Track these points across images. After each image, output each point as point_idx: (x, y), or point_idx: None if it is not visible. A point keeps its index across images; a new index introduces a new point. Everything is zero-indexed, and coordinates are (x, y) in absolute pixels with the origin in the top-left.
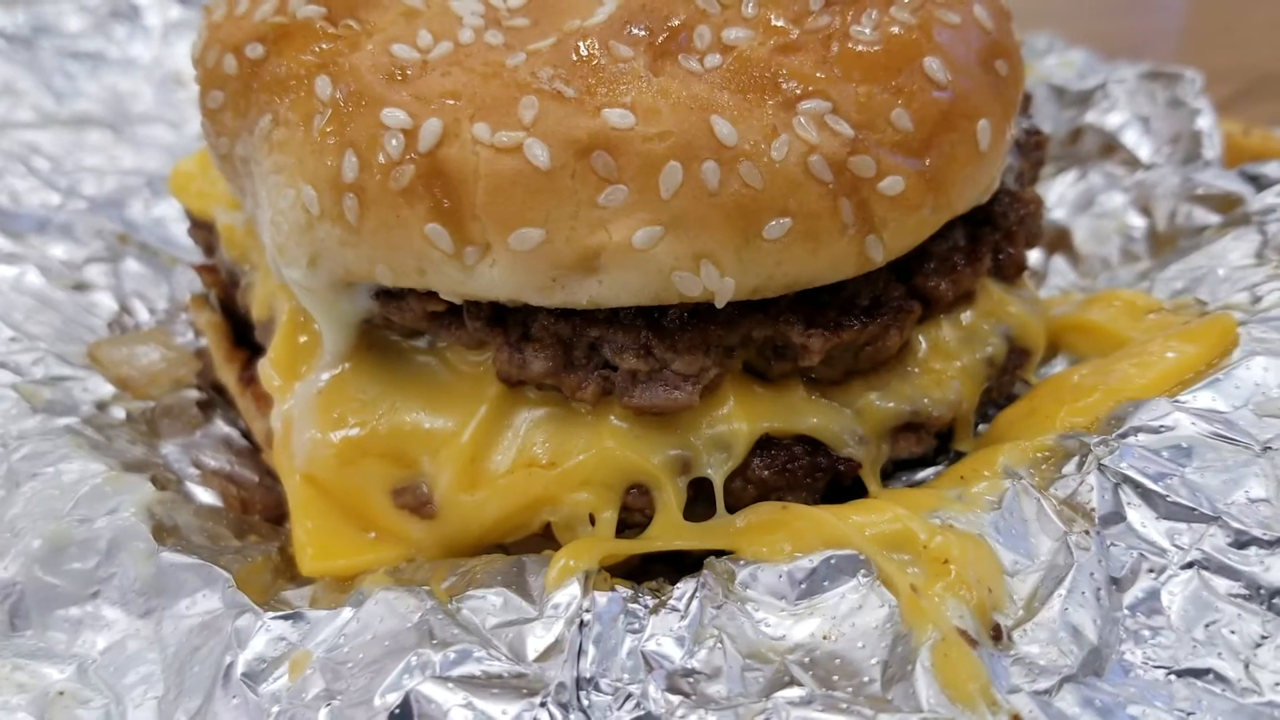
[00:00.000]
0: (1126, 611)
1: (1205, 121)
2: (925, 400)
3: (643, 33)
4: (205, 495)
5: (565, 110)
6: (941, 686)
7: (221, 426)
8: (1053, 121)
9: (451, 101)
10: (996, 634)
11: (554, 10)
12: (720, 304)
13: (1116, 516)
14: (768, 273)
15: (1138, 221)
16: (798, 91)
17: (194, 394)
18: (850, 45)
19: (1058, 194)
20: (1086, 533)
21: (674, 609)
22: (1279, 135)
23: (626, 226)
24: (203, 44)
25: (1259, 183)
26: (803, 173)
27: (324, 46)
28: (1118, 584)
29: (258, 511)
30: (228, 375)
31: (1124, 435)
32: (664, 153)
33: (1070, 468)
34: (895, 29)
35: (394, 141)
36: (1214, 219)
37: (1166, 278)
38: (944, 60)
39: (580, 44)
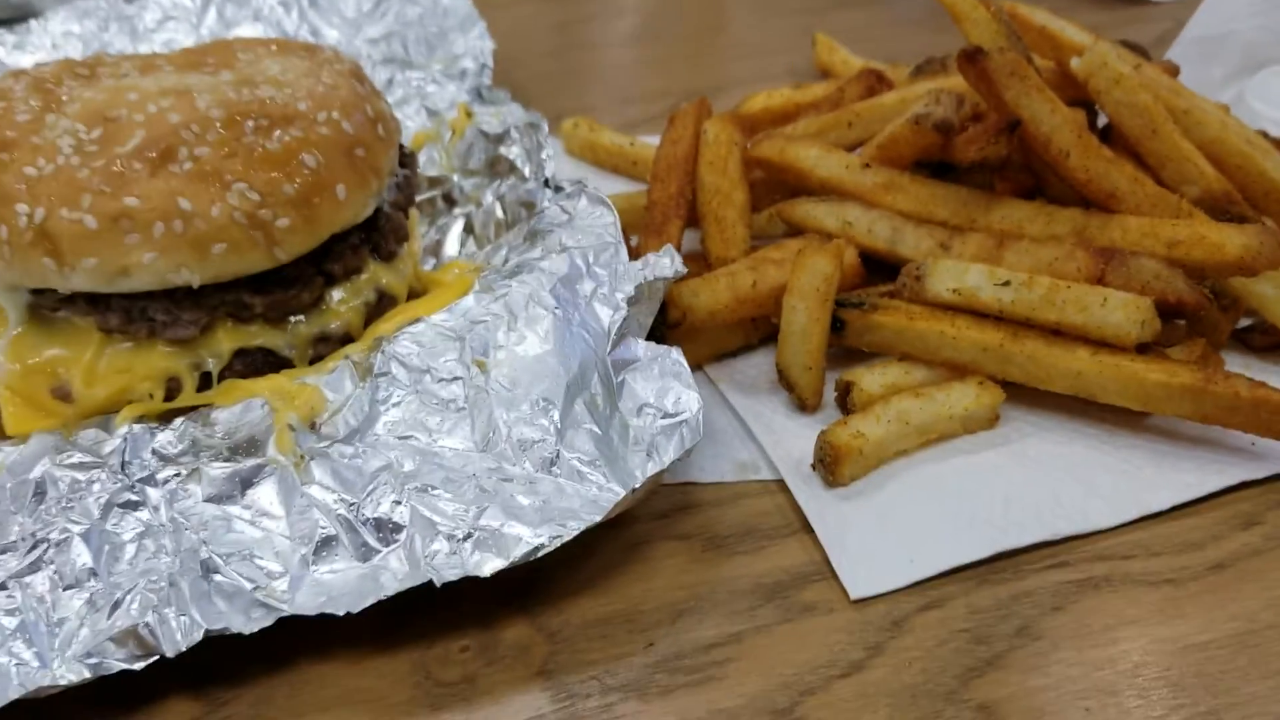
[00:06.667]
0: None
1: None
2: (332, 325)
3: (152, 154)
4: None
5: (104, 199)
6: None
7: None
8: (483, 154)
9: (50, 196)
10: None
11: (111, 141)
12: (196, 285)
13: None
14: (221, 271)
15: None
16: (228, 178)
17: None
18: (262, 151)
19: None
20: None
21: None
22: None
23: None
24: None
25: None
26: (230, 220)
27: None
28: None
29: None
30: None
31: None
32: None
33: None
34: (286, 138)
35: (21, 219)
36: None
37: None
38: (315, 154)
39: (117, 161)
